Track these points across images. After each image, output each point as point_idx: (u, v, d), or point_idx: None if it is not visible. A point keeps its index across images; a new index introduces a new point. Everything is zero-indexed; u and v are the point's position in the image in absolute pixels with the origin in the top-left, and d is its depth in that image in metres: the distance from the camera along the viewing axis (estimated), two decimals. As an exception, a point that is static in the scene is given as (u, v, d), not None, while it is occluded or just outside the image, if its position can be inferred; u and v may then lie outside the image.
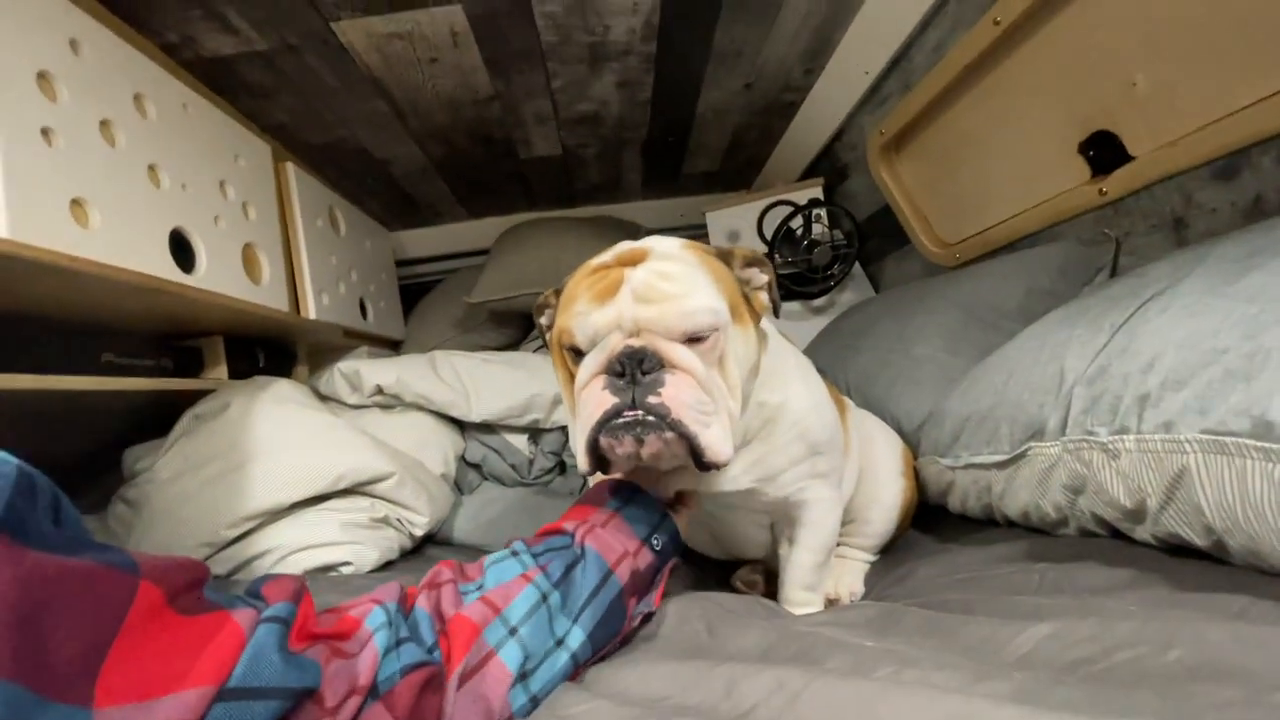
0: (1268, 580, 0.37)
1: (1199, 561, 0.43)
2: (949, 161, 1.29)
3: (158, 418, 1.02)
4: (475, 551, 1.01)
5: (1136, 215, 0.97)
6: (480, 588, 0.47)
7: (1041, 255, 1.08)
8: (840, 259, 1.55)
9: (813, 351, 1.40)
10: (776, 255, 1.55)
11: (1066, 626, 0.36)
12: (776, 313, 0.62)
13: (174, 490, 0.87)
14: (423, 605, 0.44)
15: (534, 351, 1.59)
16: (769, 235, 1.57)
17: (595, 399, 0.50)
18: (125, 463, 0.98)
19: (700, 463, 0.51)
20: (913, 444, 0.92)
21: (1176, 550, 0.46)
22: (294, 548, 0.87)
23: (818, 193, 1.62)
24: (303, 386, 1.11)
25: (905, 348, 1.10)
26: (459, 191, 1.74)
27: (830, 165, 1.65)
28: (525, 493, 1.23)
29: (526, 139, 1.48)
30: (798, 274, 1.57)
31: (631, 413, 0.49)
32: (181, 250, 0.95)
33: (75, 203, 0.76)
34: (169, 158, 0.93)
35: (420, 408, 1.23)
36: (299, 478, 0.88)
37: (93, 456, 1.12)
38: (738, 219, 1.70)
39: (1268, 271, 0.43)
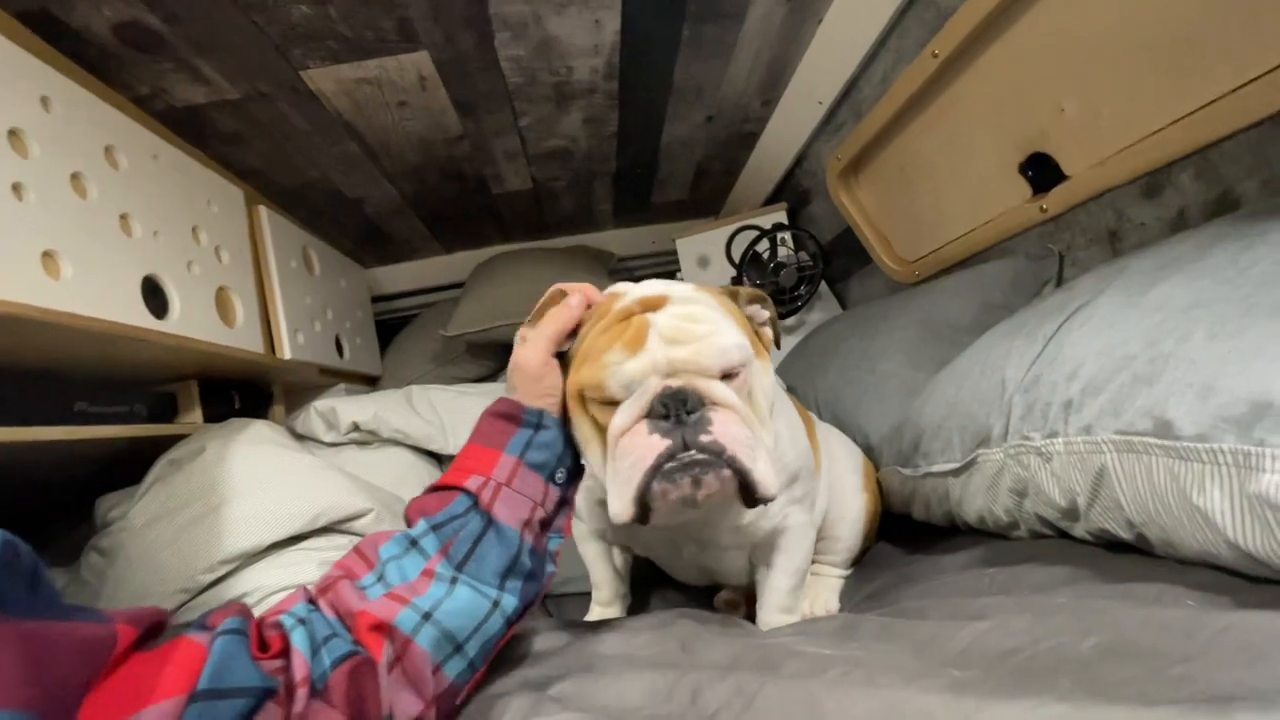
0: (1185, 568, 0.40)
1: (1129, 555, 0.46)
2: (903, 184, 1.36)
3: (131, 465, 1.02)
4: None
5: (1076, 230, 1.03)
6: (381, 578, 0.46)
7: (992, 271, 1.14)
8: (806, 280, 1.60)
9: (783, 371, 1.43)
10: (745, 278, 1.60)
11: (1003, 622, 0.38)
12: (778, 343, 0.64)
13: (149, 537, 0.87)
14: (326, 610, 0.43)
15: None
16: (737, 259, 1.61)
17: (642, 444, 0.49)
18: (98, 511, 0.97)
19: (751, 498, 0.50)
20: (878, 457, 0.95)
21: (1112, 546, 0.49)
22: (273, 589, 0.87)
23: (782, 217, 1.67)
24: (279, 427, 1.12)
25: (870, 364, 1.14)
26: (433, 227, 1.77)
27: (793, 190, 1.71)
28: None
29: (498, 174, 1.52)
30: (767, 296, 1.61)
31: (686, 454, 0.48)
32: (154, 296, 0.96)
33: (46, 255, 0.77)
34: (141, 206, 0.95)
35: (398, 443, 1.24)
36: (277, 518, 0.88)
37: (63, 506, 1.10)
38: (707, 244, 1.75)
39: (1171, 284, 0.47)
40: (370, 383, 1.78)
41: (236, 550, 0.86)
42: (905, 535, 0.92)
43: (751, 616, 0.79)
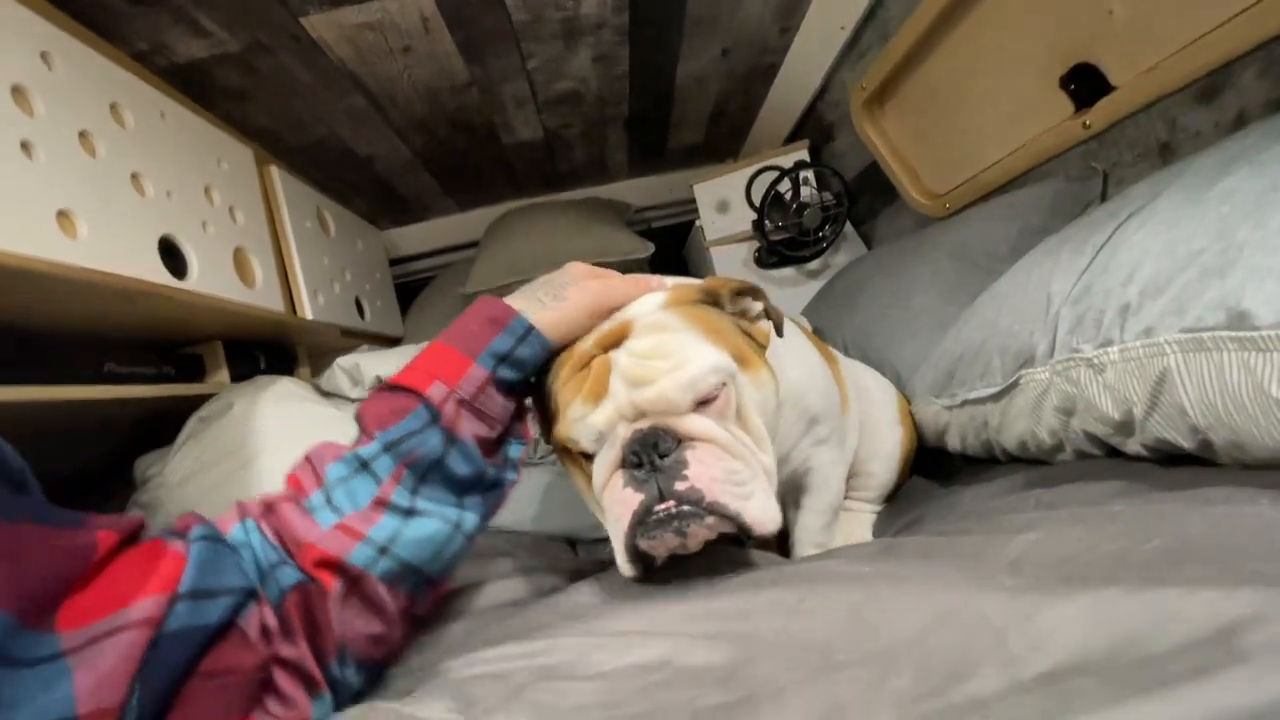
0: (1253, 472, 0.37)
1: (1189, 467, 0.43)
2: (933, 110, 1.28)
3: (164, 426, 1.04)
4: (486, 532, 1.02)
5: (1122, 145, 0.96)
6: (329, 502, 0.42)
7: (1031, 195, 1.08)
8: (831, 220, 1.54)
9: (809, 314, 1.40)
10: (766, 221, 1.55)
11: (1055, 532, 0.36)
12: (779, 331, 0.56)
13: (186, 491, 0.89)
14: (269, 534, 0.41)
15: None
16: (757, 202, 1.56)
17: (620, 500, 0.44)
18: (136, 470, 1.00)
19: (748, 538, 0.44)
20: (911, 391, 0.92)
21: (1168, 460, 0.46)
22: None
23: (804, 155, 1.61)
24: (304, 383, 1.13)
25: (901, 300, 1.10)
26: (445, 184, 1.74)
27: (815, 126, 1.64)
28: (533, 472, 1.23)
29: (508, 123, 1.48)
30: (789, 239, 1.56)
31: (663, 506, 0.43)
32: (172, 257, 0.96)
33: (62, 214, 0.77)
34: (151, 166, 0.94)
35: (423, 398, 1.24)
36: (307, 471, 0.90)
37: (105, 470, 1.14)
38: (726, 189, 1.69)
39: (1240, 176, 0.43)
40: (393, 344, 1.78)
41: (271, 502, 0.87)
42: (939, 469, 0.89)
43: (783, 553, 0.78)
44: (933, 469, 0.90)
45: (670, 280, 0.60)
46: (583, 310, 0.52)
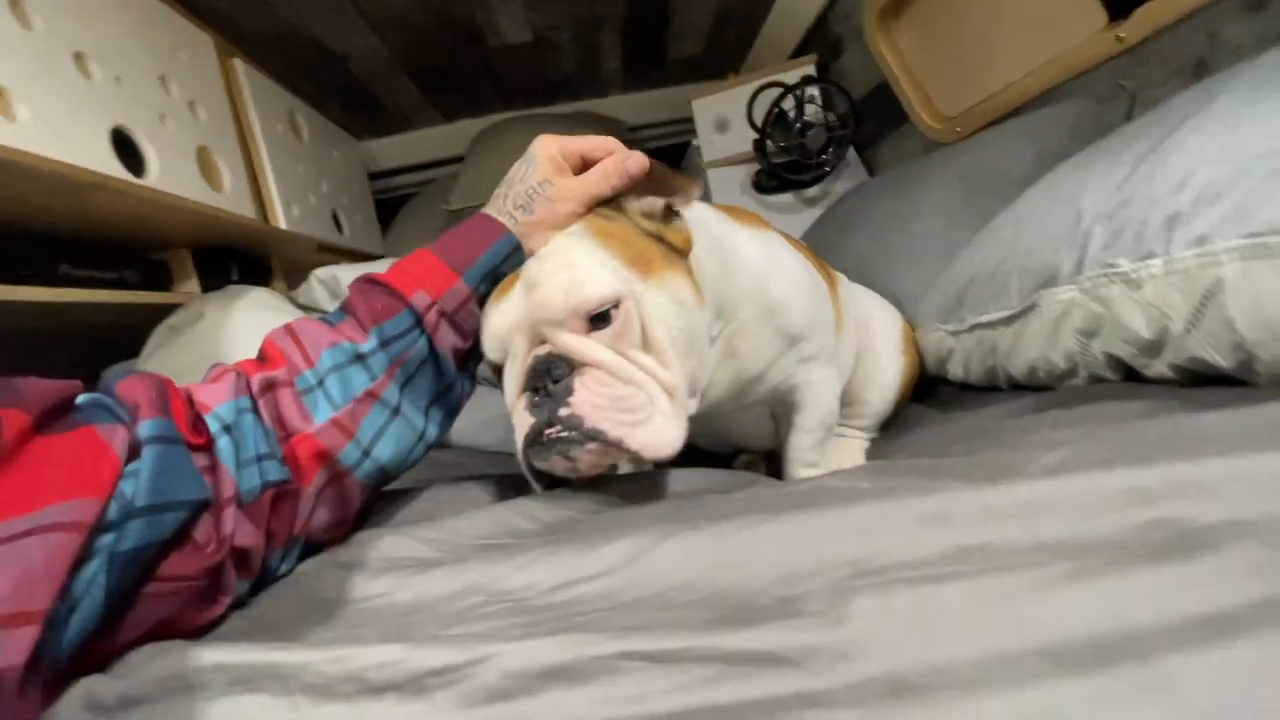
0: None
1: (1218, 389, 0.41)
2: (952, 22, 1.20)
3: (131, 338, 0.99)
4: (472, 452, 1.00)
5: (1155, 62, 0.90)
6: (321, 385, 0.42)
7: (1049, 116, 1.02)
8: (836, 142, 1.47)
9: (808, 240, 1.35)
10: (768, 142, 1.47)
11: (1078, 450, 0.34)
12: (686, 197, 0.51)
13: (157, 403, 0.85)
14: (264, 415, 0.40)
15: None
16: (760, 121, 1.48)
17: (519, 423, 0.46)
18: (103, 383, 0.95)
19: (643, 461, 0.46)
20: (913, 318, 0.90)
21: (1194, 381, 0.44)
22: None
23: (810, 70, 1.51)
24: (279, 295, 1.07)
25: (903, 225, 1.06)
26: (426, 90, 1.62)
27: (824, 40, 1.54)
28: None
29: (492, 21, 1.36)
30: (791, 162, 1.49)
31: (550, 431, 0.44)
32: (129, 153, 0.88)
33: (-5, 90, 0.69)
34: (96, 46, 0.85)
35: (406, 316, 1.19)
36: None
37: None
38: (726, 105, 1.60)
39: (1317, 69, 0.39)
40: (372, 262, 1.71)
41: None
42: (934, 395, 0.88)
43: (773, 474, 0.77)
44: (925, 394, 0.88)
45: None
46: (545, 225, 0.50)
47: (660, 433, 0.44)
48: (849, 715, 0.19)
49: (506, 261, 0.49)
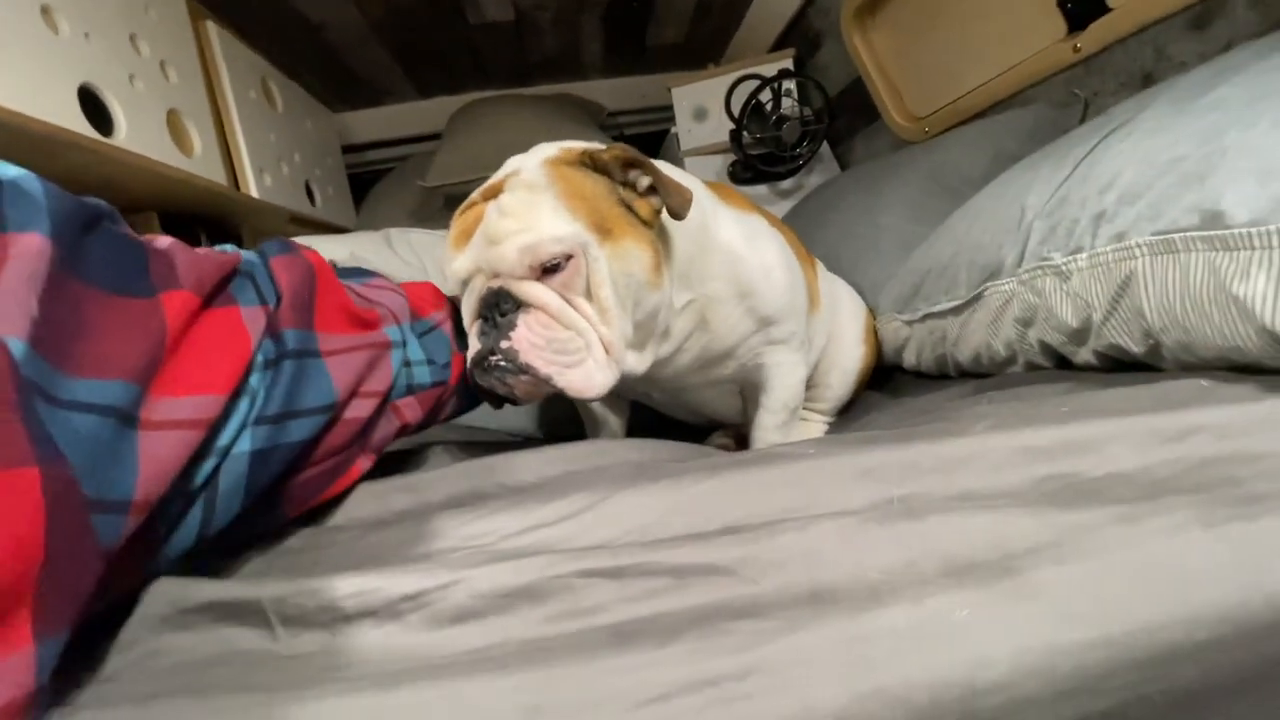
0: (1192, 374, 0.39)
1: (1133, 373, 0.45)
2: (924, 25, 1.24)
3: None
4: (462, 430, 1.01)
5: (1108, 73, 0.95)
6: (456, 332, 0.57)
7: (1009, 120, 1.07)
8: (811, 136, 1.50)
9: (779, 231, 1.38)
10: (745, 133, 1.50)
11: (1001, 420, 0.38)
12: (673, 212, 0.53)
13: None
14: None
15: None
16: (737, 112, 1.50)
17: (471, 344, 0.53)
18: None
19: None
20: (874, 309, 0.94)
21: (1113, 367, 0.48)
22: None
23: (788, 64, 1.54)
24: (250, 265, 1.06)
25: (870, 219, 1.10)
26: (404, 63, 1.61)
27: (803, 34, 1.57)
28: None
29: (475, -3, 1.35)
30: (767, 154, 1.52)
31: (492, 358, 0.50)
32: (97, 113, 0.86)
33: (-43, 40, 0.67)
34: (65, 0, 0.83)
35: (379, 290, 1.19)
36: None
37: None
38: (705, 95, 1.62)
39: (1231, 85, 0.43)
40: (346, 236, 1.69)
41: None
42: (889, 382, 0.92)
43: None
44: (884, 383, 0.93)
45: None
46: None
47: (590, 376, 0.50)
48: (777, 615, 0.22)
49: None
